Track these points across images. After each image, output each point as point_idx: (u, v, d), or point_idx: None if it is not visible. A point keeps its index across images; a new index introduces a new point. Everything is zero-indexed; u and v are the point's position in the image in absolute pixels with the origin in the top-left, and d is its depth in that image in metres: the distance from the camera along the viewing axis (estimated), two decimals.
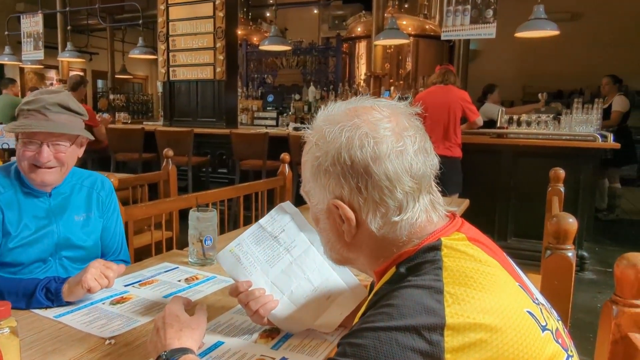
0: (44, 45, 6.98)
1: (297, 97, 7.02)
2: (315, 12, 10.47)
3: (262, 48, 6.25)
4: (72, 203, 1.43)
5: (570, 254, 1.13)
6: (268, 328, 1.04)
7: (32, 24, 7.04)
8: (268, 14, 10.05)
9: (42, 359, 0.92)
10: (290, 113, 6.47)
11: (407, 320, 0.58)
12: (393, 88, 6.64)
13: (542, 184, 2.43)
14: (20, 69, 9.63)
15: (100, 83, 12.04)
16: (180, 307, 0.93)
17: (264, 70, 8.42)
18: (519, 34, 4.20)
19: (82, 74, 7.08)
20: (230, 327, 1.06)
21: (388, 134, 0.68)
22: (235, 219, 3.72)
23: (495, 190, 4.05)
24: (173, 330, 0.86)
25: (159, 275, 1.38)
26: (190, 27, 5.32)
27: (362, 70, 7.59)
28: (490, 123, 4.63)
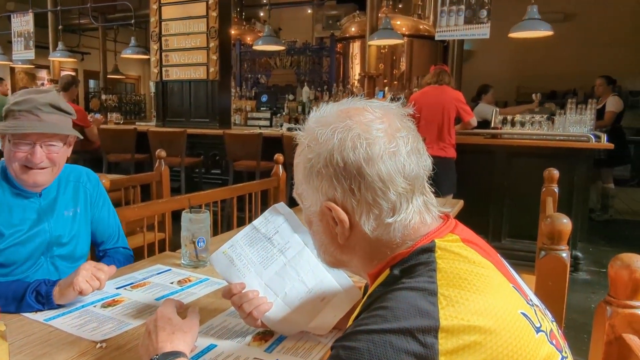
0: (35, 45, 6.93)
1: (291, 97, 7.02)
2: (309, 12, 10.45)
3: (255, 48, 6.23)
4: (60, 199, 1.43)
5: (565, 255, 1.13)
6: (262, 330, 1.04)
7: (22, 23, 6.98)
8: (262, 14, 10.02)
9: None
10: (284, 113, 6.47)
11: (401, 323, 0.57)
12: (387, 88, 6.65)
13: (536, 185, 2.43)
14: (11, 69, 9.57)
15: (92, 83, 11.97)
16: (173, 309, 0.92)
17: (258, 71, 8.40)
18: (513, 35, 4.22)
19: (73, 74, 7.02)
20: (224, 329, 1.05)
21: (380, 135, 0.67)
22: (229, 221, 3.71)
23: (490, 191, 4.05)
24: (165, 334, 0.85)
25: (151, 278, 1.37)
26: (183, 26, 5.30)
27: (356, 71, 7.59)
28: (484, 123, 4.64)
